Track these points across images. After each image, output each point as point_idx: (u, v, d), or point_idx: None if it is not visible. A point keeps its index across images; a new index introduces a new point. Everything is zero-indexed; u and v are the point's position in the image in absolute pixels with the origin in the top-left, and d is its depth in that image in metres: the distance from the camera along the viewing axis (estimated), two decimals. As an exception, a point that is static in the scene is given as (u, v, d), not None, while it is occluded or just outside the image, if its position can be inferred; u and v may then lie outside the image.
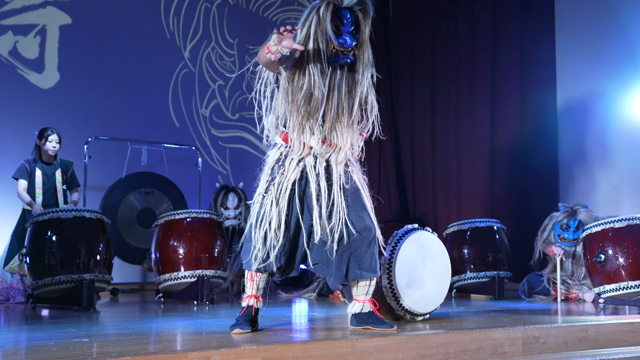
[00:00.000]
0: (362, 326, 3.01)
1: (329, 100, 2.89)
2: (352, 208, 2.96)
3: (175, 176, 6.48)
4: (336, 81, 2.91)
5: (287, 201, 2.91)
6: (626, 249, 4.33)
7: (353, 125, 2.99)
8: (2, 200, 5.86)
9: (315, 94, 2.87)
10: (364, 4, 2.92)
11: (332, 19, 2.88)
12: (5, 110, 6.13)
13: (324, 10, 2.87)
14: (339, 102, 2.91)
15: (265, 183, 2.98)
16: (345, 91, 2.92)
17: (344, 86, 2.92)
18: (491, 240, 5.51)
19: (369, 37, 2.98)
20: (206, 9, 7.37)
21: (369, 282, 3.02)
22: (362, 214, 2.97)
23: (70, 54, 6.51)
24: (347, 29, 2.90)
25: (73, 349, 2.47)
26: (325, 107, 2.89)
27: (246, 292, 3.00)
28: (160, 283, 4.89)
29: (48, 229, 4.44)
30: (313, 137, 2.94)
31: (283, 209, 2.89)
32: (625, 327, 3.47)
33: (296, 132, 2.93)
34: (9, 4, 6.27)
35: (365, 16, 2.94)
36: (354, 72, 2.96)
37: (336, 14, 2.89)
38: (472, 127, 6.98)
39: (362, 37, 2.95)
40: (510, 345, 3.04)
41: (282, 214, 2.89)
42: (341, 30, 2.89)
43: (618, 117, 5.94)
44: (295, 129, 2.93)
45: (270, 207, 2.90)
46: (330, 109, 2.90)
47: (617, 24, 5.98)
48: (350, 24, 2.90)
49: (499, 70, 6.82)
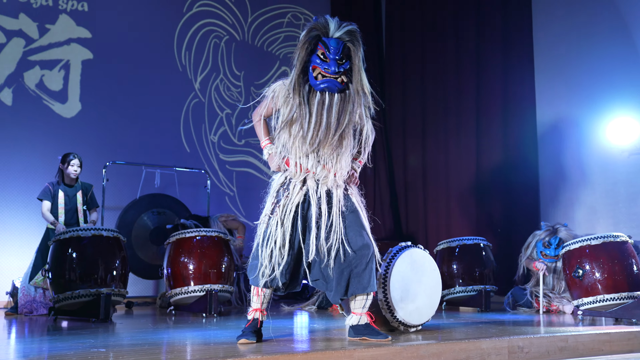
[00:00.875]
0: (359, 337, 2.99)
1: (317, 124, 2.85)
2: (350, 228, 2.94)
3: (186, 197, 6.48)
4: (325, 106, 2.86)
5: (292, 222, 2.90)
6: (602, 264, 4.32)
7: (345, 150, 2.93)
8: (29, 219, 5.86)
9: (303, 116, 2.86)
10: (351, 36, 2.88)
11: (320, 47, 2.86)
12: (32, 137, 6.17)
13: (305, 35, 2.88)
14: (327, 127, 2.86)
15: (271, 205, 2.96)
16: (335, 117, 2.87)
17: (334, 112, 2.87)
18: (478, 256, 5.50)
19: (364, 69, 2.93)
20: (215, 45, 7.44)
21: (366, 297, 3.00)
22: (362, 233, 2.95)
23: (91, 86, 6.56)
24: (332, 57, 2.84)
25: (91, 358, 2.46)
26: (314, 130, 2.85)
27: (252, 305, 3.00)
28: (171, 297, 4.86)
29: (69, 246, 4.44)
30: (308, 160, 2.92)
31: (287, 229, 2.89)
32: (602, 337, 3.46)
33: (293, 156, 2.93)
34: (37, 42, 6.34)
35: (355, 47, 2.89)
36: (345, 100, 2.90)
37: (323, 42, 2.86)
38: (459, 152, 7.00)
39: (353, 66, 2.89)
40: (497, 354, 3.03)
41: (286, 234, 2.88)
42: (327, 57, 2.84)
43: (593, 142, 5.96)
44: (292, 154, 2.93)
45: (275, 228, 2.89)
46: (319, 133, 2.85)
47: (592, 54, 6.04)
48: (336, 52, 2.84)
49: (483, 98, 6.85)
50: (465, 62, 7.04)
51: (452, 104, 7.13)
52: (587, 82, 6.07)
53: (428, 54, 7.45)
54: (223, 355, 2.45)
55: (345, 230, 2.92)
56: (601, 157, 5.89)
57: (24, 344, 3.17)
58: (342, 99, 2.90)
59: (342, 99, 2.90)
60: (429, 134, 7.35)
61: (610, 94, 5.85)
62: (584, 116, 6.06)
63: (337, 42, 2.86)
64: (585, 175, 6.03)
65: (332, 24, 2.88)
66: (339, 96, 2.89)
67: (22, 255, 5.54)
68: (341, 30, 2.87)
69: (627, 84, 5.74)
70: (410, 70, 7.67)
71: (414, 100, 7.56)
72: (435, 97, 7.32)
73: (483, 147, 6.82)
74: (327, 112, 2.86)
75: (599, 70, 5.97)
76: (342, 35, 2.87)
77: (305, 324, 4.17)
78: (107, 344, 2.96)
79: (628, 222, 5.62)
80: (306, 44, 2.87)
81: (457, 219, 6.91)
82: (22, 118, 6.16)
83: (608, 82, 5.88)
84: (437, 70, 7.32)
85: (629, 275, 4.28)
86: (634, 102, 5.68)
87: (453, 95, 7.14)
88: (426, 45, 7.48)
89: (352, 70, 2.90)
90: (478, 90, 6.91)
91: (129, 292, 4.80)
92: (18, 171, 6.06)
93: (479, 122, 6.88)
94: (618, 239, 4.37)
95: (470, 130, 6.91)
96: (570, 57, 6.24)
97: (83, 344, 2.94)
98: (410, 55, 7.67)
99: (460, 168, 6.97)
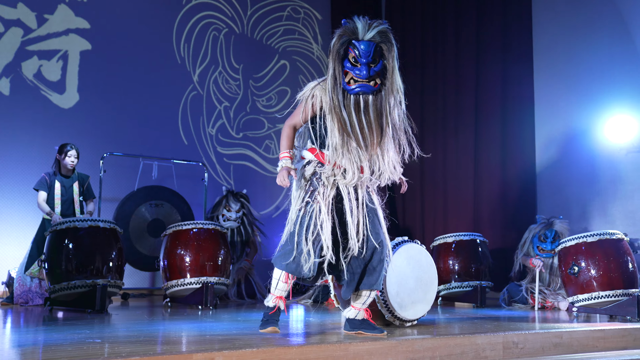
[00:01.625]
0: (354, 331, 3.02)
1: (354, 127, 2.84)
2: (372, 225, 2.97)
3: (183, 190, 6.47)
4: (361, 109, 2.85)
5: (330, 213, 2.87)
6: (598, 261, 4.33)
7: (385, 150, 2.93)
8: (25, 209, 5.83)
9: (343, 120, 2.84)
10: (384, 37, 2.85)
11: (351, 50, 2.83)
12: (29, 127, 6.14)
13: (335, 42, 2.86)
14: (363, 128, 2.85)
15: (305, 192, 2.93)
16: (373, 118, 2.86)
17: (371, 113, 2.86)
18: (474, 252, 5.51)
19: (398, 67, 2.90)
20: (214, 37, 7.41)
21: (369, 293, 3.01)
22: (379, 232, 2.99)
23: (89, 77, 6.52)
24: (364, 61, 2.81)
25: (86, 348, 2.46)
26: (352, 132, 2.84)
27: (276, 293, 2.94)
28: (167, 289, 4.86)
29: (65, 237, 4.43)
30: (344, 159, 2.89)
31: (328, 219, 2.85)
32: (596, 333, 3.47)
33: (332, 154, 2.90)
34: (35, 32, 6.30)
35: (388, 47, 2.85)
36: (380, 100, 2.88)
37: (355, 46, 2.82)
38: (457, 148, 7.00)
39: (387, 66, 2.87)
40: (492, 349, 3.04)
41: (328, 223, 2.85)
42: (359, 62, 2.81)
43: (592, 139, 5.96)
44: (332, 151, 2.90)
45: (315, 216, 2.85)
46: (357, 135, 2.84)
47: (592, 52, 6.03)
48: (367, 56, 2.80)
49: (482, 95, 6.86)
50: (464, 59, 7.03)
51: (451, 101, 7.12)
52: (586, 80, 6.06)
53: (427, 51, 7.43)
54: (219, 348, 2.45)
55: (370, 227, 2.94)
56: (599, 154, 5.90)
57: (19, 334, 3.17)
58: (378, 99, 2.88)
59: (378, 99, 2.88)
60: (427, 131, 7.35)
61: (608, 91, 5.85)
62: (583, 113, 6.06)
63: (369, 45, 2.82)
64: (582, 172, 6.03)
65: (360, 26, 2.84)
66: (374, 97, 2.87)
67: (18, 245, 5.52)
68: (372, 32, 2.83)
69: (625, 81, 5.74)
70: (409, 65, 7.65)
71: (413, 96, 7.53)
72: (434, 93, 7.32)
73: (481, 143, 6.82)
74: (365, 114, 2.85)
75: (597, 68, 5.97)
76: (373, 36, 2.83)
77: (301, 318, 4.18)
78: (102, 335, 2.96)
79: (624, 219, 5.63)
80: (338, 51, 2.85)
81: (453, 215, 6.91)
82: (19, 108, 6.13)
83: (607, 79, 5.87)
84: (436, 67, 7.31)
85: (624, 273, 4.29)
86: (632, 100, 5.68)
87: (452, 91, 7.13)
88: (425, 41, 7.47)
89: (385, 70, 2.87)
90: (477, 87, 6.90)
91: (125, 284, 4.80)
92: (15, 161, 6.03)
93: (477, 119, 6.87)
94: (614, 236, 4.38)
95: (468, 126, 6.91)
96: (569, 54, 6.23)
97: (78, 334, 2.93)
98: (409, 52, 7.65)
99: (458, 164, 6.97)
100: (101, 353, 2.35)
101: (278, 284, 2.92)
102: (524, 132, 6.50)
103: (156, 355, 2.26)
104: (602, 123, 5.84)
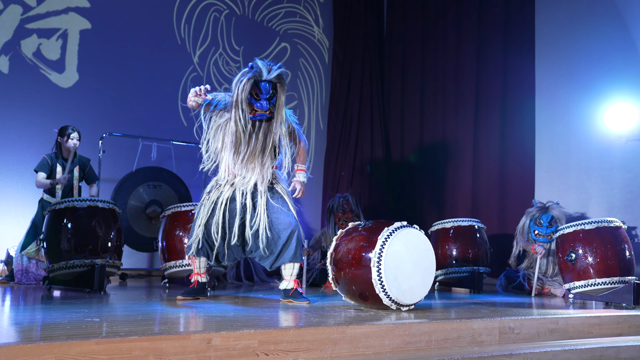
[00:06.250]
0: (286, 299, 3.74)
1: (249, 144, 3.64)
2: (277, 209, 3.71)
3: (182, 171, 6.46)
4: (255, 130, 3.64)
5: (223, 211, 3.70)
6: (595, 249, 4.34)
7: (266, 161, 3.71)
8: (24, 188, 5.82)
9: (240, 138, 3.63)
10: (280, 79, 3.64)
11: (254, 88, 3.58)
12: (28, 106, 6.10)
13: (245, 82, 3.57)
14: (255, 145, 3.65)
15: (205, 194, 3.80)
16: (261, 138, 3.66)
17: (261, 134, 3.65)
18: (472, 238, 5.51)
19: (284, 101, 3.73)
20: (215, 18, 7.35)
21: (293, 266, 3.75)
22: (288, 214, 3.72)
23: (89, 56, 6.48)
24: (264, 97, 3.59)
25: (85, 327, 2.46)
26: (246, 148, 3.65)
27: (195, 271, 3.83)
28: (165, 270, 4.87)
29: (64, 216, 4.42)
30: (235, 167, 3.71)
31: (219, 216, 3.70)
32: (592, 320, 3.49)
33: (224, 164, 3.74)
34: (34, 10, 6.24)
35: (281, 87, 3.66)
36: (270, 125, 3.67)
37: (257, 85, 3.58)
38: (456, 136, 6.99)
39: (279, 101, 3.66)
40: (488, 334, 3.05)
41: (219, 219, 3.69)
42: (260, 97, 3.59)
43: (591, 127, 5.95)
44: (224, 161, 3.73)
45: (206, 212, 3.73)
46: (248, 150, 3.65)
47: (592, 40, 5.99)
48: (267, 92, 3.60)
49: (483, 82, 6.84)
50: (465, 48, 7.00)
51: (451, 88, 7.10)
52: (586, 68, 6.03)
53: (428, 38, 7.39)
54: (216, 328, 2.46)
55: (272, 214, 3.69)
56: (598, 142, 5.89)
57: (17, 312, 3.18)
58: (269, 123, 3.67)
59: (269, 123, 3.67)
60: (427, 118, 7.33)
61: (608, 79, 5.82)
62: (582, 101, 6.04)
63: (268, 84, 3.61)
64: (581, 160, 6.02)
65: (265, 70, 3.60)
66: (267, 123, 3.66)
67: (16, 224, 5.52)
68: (271, 75, 3.60)
69: (625, 69, 5.71)
70: (410, 54, 7.62)
71: (413, 83, 7.53)
72: (435, 80, 7.30)
73: (481, 130, 6.81)
74: (256, 134, 3.65)
75: (597, 56, 5.94)
76: (272, 78, 3.61)
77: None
78: (100, 314, 2.97)
79: (622, 207, 5.63)
80: (244, 87, 3.58)
81: (452, 200, 6.92)
82: (18, 87, 6.09)
83: (607, 67, 5.84)
84: (437, 56, 7.29)
85: (621, 260, 4.31)
86: (632, 88, 5.65)
87: (452, 79, 7.10)
88: (427, 30, 7.42)
89: (277, 105, 3.65)
90: (478, 74, 6.88)
91: (124, 264, 4.80)
92: (13, 140, 6.01)
93: (477, 106, 6.86)
94: (612, 224, 4.39)
95: (468, 113, 6.90)
96: (571, 42, 6.20)
97: (77, 313, 2.94)
98: (410, 40, 7.61)
99: (457, 151, 6.96)
100: (99, 332, 2.35)
101: (194, 264, 3.82)
102: (524, 119, 6.48)
103: (154, 335, 2.26)
104: (602, 111, 5.82)
